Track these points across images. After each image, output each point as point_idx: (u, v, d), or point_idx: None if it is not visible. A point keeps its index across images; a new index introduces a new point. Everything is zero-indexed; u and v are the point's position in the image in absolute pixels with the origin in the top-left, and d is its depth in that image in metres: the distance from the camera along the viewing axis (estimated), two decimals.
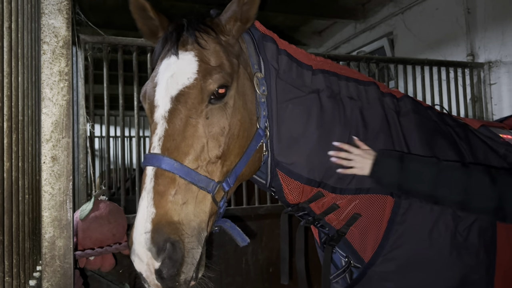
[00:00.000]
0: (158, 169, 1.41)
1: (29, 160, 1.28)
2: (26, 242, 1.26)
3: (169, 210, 1.36)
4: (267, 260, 3.77)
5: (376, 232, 1.79)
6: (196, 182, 1.42)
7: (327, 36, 7.63)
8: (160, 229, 1.32)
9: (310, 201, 1.80)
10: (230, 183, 1.54)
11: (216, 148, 1.49)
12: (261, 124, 1.66)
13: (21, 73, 1.17)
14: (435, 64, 4.44)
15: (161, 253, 1.31)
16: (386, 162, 1.70)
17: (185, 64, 1.54)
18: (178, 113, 1.48)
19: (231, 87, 1.56)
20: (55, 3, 1.38)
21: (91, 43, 3.10)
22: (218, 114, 1.52)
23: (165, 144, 1.44)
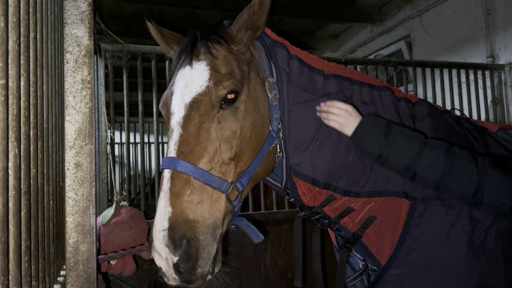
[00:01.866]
0: (174, 171, 1.51)
1: (53, 166, 1.30)
2: (51, 247, 1.28)
3: (185, 209, 1.46)
4: (286, 265, 3.76)
5: (392, 235, 1.78)
6: (210, 183, 1.51)
7: (344, 40, 7.59)
8: (176, 227, 1.43)
9: (323, 205, 1.81)
10: (243, 183, 1.62)
11: (228, 150, 1.58)
12: (273, 126, 1.72)
13: (45, 82, 1.20)
14: (454, 66, 4.38)
15: (178, 249, 1.42)
16: (371, 127, 1.66)
17: (198, 73, 1.64)
18: (191, 119, 1.58)
19: (241, 93, 1.64)
20: (78, 13, 1.42)
21: (111, 51, 3.15)
22: (229, 118, 1.60)
23: (180, 148, 1.54)
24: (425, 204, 1.73)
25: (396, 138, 1.63)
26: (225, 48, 1.69)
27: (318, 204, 1.81)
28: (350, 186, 1.77)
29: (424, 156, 1.60)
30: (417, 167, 1.60)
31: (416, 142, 1.63)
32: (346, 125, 1.69)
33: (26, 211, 0.93)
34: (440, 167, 1.58)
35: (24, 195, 0.92)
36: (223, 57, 1.67)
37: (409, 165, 1.61)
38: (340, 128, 1.71)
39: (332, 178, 1.76)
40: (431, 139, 1.66)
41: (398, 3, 6.05)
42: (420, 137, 1.65)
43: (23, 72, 0.92)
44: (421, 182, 1.65)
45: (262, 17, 1.70)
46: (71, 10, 1.41)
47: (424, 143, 1.62)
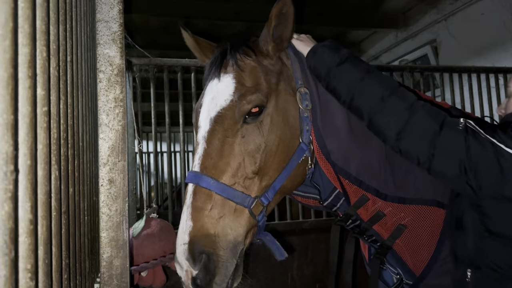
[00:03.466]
0: (196, 186, 1.54)
1: (88, 183, 1.34)
2: (86, 262, 1.31)
3: (205, 223, 1.48)
4: (313, 275, 3.73)
5: (427, 245, 1.74)
6: (232, 198, 1.52)
7: (367, 46, 7.54)
8: (196, 241, 1.47)
9: (356, 206, 1.78)
10: (269, 198, 1.61)
11: (252, 164, 1.57)
12: (304, 138, 1.69)
13: (80, 102, 1.24)
14: (482, 71, 4.28)
15: (197, 263, 1.45)
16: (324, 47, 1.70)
17: (224, 86, 1.65)
18: (216, 133, 1.59)
19: (267, 106, 1.63)
20: (109, 33, 1.46)
21: (139, 65, 3.23)
22: (253, 132, 1.59)
23: (203, 163, 1.56)
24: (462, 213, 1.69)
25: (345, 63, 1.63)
26: (253, 60, 1.69)
27: (352, 205, 1.79)
28: (382, 188, 1.75)
29: (366, 83, 1.57)
30: (356, 93, 1.57)
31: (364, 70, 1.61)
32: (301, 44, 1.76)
33: (65, 230, 0.96)
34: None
35: (64, 215, 0.95)
36: (250, 69, 1.67)
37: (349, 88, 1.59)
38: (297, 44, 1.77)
39: (365, 174, 1.74)
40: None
41: (423, 8, 5.97)
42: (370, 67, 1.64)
43: (62, 96, 0.96)
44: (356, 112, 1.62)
45: (286, 30, 1.70)
46: (103, 31, 1.45)
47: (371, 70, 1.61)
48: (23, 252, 0.62)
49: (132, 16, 5.00)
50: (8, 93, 0.53)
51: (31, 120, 0.65)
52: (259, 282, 3.58)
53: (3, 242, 0.51)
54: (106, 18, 1.46)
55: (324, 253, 3.75)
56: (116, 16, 1.46)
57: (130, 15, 4.90)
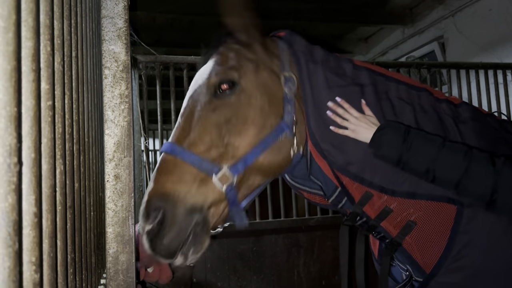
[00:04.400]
0: (165, 153, 1.64)
1: (94, 178, 1.35)
2: (92, 257, 1.32)
3: (166, 185, 1.55)
4: (319, 272, 3.73)
5: (437, 242, 1.71)
6: (196, 164, 1.58)
7: (374, 42, 7.50)
8: (153, 199, 1.53)
9: (361, 203, 1.75)
10: (238, 169, 1.62)
11: (221, 137, 1.63)
12: (285, 118, 1.73)
13: (85, 98, 1.24)
14: (490, 67, 4.25)
15: (151, 218, 1.52)
16: (388, 132, 1.64)
17: (205, 68, 1.79)
18: (189, 108, 1.71)
19: (240, 83, 1.71)
20: (115, 29, 1.47)
21: (145, 62, 3.24)
22: (224, 107, 1.67)
23: (175, 134, 1.68)
24: (473, 209, 1.67)
25: (415, 141, 1.61)
26: (235, 46, 1.81)
27: (357, 203, 1.76)
28: (387, 183, 1.72)
29: (442, 157, 1.58)
30: (436, 169, 1.58)
31: (434, 144, 1.61)
32: (356, 131, 1.69)
33: (71, 225, 0.96)
34: (458, 169, 1.56)
35: (69, 209, 0.95)
36: (230, 53, 1.79)
37: (428, 167, 1.59)
38: (351, 135, 1.70)
39: (366, 171, 1.71)
40: (449, 142, 1.64)
41: (430, 4, 5.93)
42: (438, 140, 1.64)
43: (67, 91, 0.96)
44: (441, 184, 1.63)
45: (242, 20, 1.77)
46: (108, 27, 1.45)
47: (443, 145, 1.61)
48: (27, 244, 0.62)
49: (138, 13, 5.01)
50: (11, 85, 0.53)
51: (35, 113, 0.65)
52: (265, 279, 3.59)
53: (7, 234, 0.52)
54: (111, 14, 1.46)
55: (330, 250, 3.75)
56: (121, 12, 1.46)
57: (135, 13, 4.92)
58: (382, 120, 1.73)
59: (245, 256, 3.59)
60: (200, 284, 3.45)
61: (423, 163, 1.60)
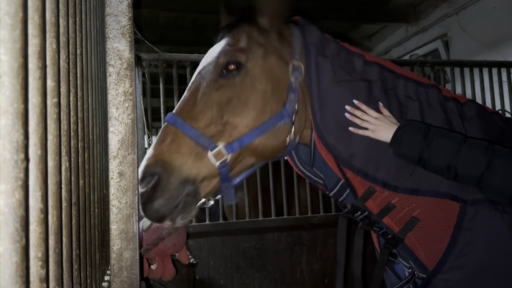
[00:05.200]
0: (167, 124, 1.71)
1: (98, 176, 1.35)
2: (96, 254, 1.33)
3: (164, 152, 1.64)
4: (322, 270, 3.74)
5: (440, 239, 1.72)
6: (194, 138, 1.65)
7: (377, 40, 7.48)
8: (150, 165, 1.62)
9: (364, 198, 1.76)
10: (233, 148, 1.68)
11: (221, 116, 1.69)
12: (286, 106, 1.75)
13: (90, 95, 1.25)
14: (494, 65, 4.23)
15: (144, 183, 1.60)
16: (409, 130, 1.64)
17: (215, 48, 1.84)
18: (196, 84, 1.77)
19: (247, 66, 1.75)
20: (119, 27, 1.47)
21: (148, 60, 3.24)
22: (227, 87, 1.72)
23: (179, 107, 1.74)
24: (476, 207, 1.67)
25: (435, 138, 1.61)
26: (249, 29, 1.84)
27: (359, 197, 1.77)
28: (391, 179, 1.72)
29: (463, 153, 1.57)
30: (458, 165, 1.57)
31: (455, 141, 1.61)
32: (375, 131, 1.69)
33: (76, 221, 0.97)
34: (480, 164, 1.55)
35: (74, 206, 0.96)
36: (242, 36, 1.82)
37: (449, 163, 1.58)
38: (371, 135, 1.70)
39: (370, 165, 1.72)
40: (470, 138, 1.63)
41: (433, 2, 5.92)
42: (458, 136, 1.63)
43: (72, 88, 0.97)
44: (463, 180, 1.62)
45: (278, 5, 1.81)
46: (112, 25, 1.46)
47: (464, 141, 1.60)
48: (34, 240, 0.63)
49: (142, 11, 5.02)
50: (18, 82, 0.54)
51: (41, 110, 0.66)
52: (268, 277, 3.60)
53: (14, 229, 0.52)
54: (115, 12, 1.46)
55: (333, 248, 3.75)
56: (125, 10, 1.47)
57: (139, 11, 4.92)
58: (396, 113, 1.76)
59: (248, 253, 3.60)
60: (203, 282, 3.46)
61: (444, 160, 1.59)
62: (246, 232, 3.61)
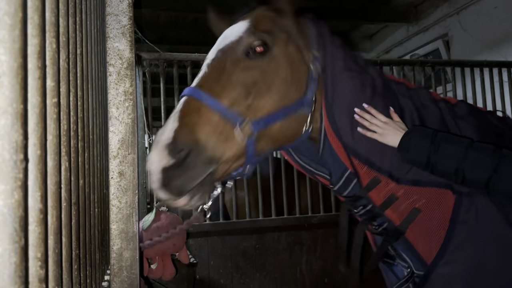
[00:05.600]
0: (189, 97, 1.57)
1: (98, 175, 1.35)
2: (96, 253, 1.33)
3: (193, 127, 1.49)
4: (322, 270, 3.73)
5: (437, 232, 1.71)
6: (222, 112, 1.54)
7: (378, 40, 7.48)
8: (179, 138, 1.45)
9: (368, 188, 1.76)
10: (260, 126, 1.62)
11: (246, 96, 1.62)
12: (307, 95, 1.74)
13: (90, 95, 1.25)
14: (495, 65, 4.23)
15: (174, 155, 1.42)
16: (416, 136, 1.65)
17: (238, 27, 1.77)
18: (218, 62, 1.67)
19: (272, 50, 1.71)
20: (119, 27, 1.47)
21: (149, 59, 3.24)
22: (253, 68, 1.67)
23: (200, 82, 1.62)
24: (472, 199, 1.67)
25: (442, 143, 1.61)
26: (270, 14, 1.80)
27: (364, 187, 1.77)
28: (394, 170, 1.73)
29: (470, 157, 1.57)
30: (466, 169, 1.57)
31: (461, 145, 1.60)
32: (383, 135, 1.69)
33: (75, 221, 0.97)
34: (488, 168, 1.54)
35: (74, 206, 0.96)
36: (265, 18, 1.78)
37: (457, 168, 1.58)
38: (379, 138, 1.70)
39: (375, 155, 1.73)
40: (476, 142, 1.63)
41: (434, 2, 5.91)
42: (465, 140, 1.63)
43: (72, 88, 0.97)
44: (471, 184, 1.61)
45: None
46: (113, 25, 1.46)
47: (470, 145, 1.60)
48: (33, 240, 0.63)
49: (142, 11, 5.01)
50: (17, 82, 0.54)
51: (40, 110, 0.66)
52: (268, 276, 3.60)
53: (13, 229, 0.52)
54: (116, 11, 1.46)
55: (333, 248, 3.75)
56: (126, 10, 1.47)
57: (140, 10, 4.92)
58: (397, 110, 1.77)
59: (248, 253, 3.60)
60: (203, 281, 3.46)
61: (451, 164, 1.59)
62: (246, 232, 3.61)
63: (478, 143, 1.63)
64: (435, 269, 1.71)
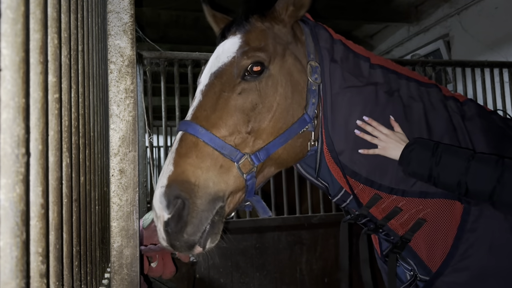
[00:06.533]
0: (184, 133, 1.51)
1: (99, 173, 1.35)
2: (97, 251, 1.33)
3: (187, 170, 1.44)
4: (322, 270, 3.73)
5: (444, 240, 1.70)
6: (219, 149, 1.48)
7: (379, 40, 7.47)
8: (173, 185, 1.41)
9: (368, 206, 1.74)
10: (260, 158, 1.56)
11: (245, 123, 1.55)
12: (308, 110, 1.67)
13: (91, 92, 1.25)
14: (496, 65, 4.22)
15: (171, 207, 1.40)
16: (416, 149, 1.62)
17: (230, 45, 1.67)
18: (213, 87, 1.58)
19: (269, 67, 1.62)
20: (120, 24, 1.47)
21: (149, 58, 3.24)
22: (251, 91, 1.58)
23: (196, 113, 1.55)
24: (480, 208, 1.65)
25: (443, 155, 1.59)
26: (264, 24, 1.71)
27: (364, 205, 1.74)
28: (398, 183, 1.70)
29: (473, 169, 1.55)
30: (468, 181, 1.55)
31: (463, 157, 1.58)
32: (386, 148, 1.67)
33: (76, 218, 0.97)
34: (491, 179, 1.52)
35: (75, 202, 0.96)
36: (259, 32, 1.68)
37: (460, 180, 1.56)
38: (382, 153, 1.68)
39: (376, 173, 1.70)
40: (478, 153, 1.62)
41: (435, 2, 5.90)
42: (467, 152, 1.61)
43: (73, 84, 0.97)
44: (474, 196, 1.59)
45: None
46: (114, 22, 1.46)
47: (472, 156, 1.58)
48: (34, 235, 0.63)
49: (143, 9, 5.02)
50: (19, 76, 0.54)
51: (42, 105, 0.66)
52: (268, 276, 3.59)
53: (15, 223, 0.52)
54: (117, 9, 1.46)
55: (333, 248, 3.75)
56: (127, 7, 1.47)
57: (141, 9, 4.92)
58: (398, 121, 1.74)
59: (248, 252, 3.60)
60: (203, 280, 3.46)
61: (454, 176, 1.57)
62: (246, 231, 3.61)
63: (480, 154, 1.61)
64: (440, 276, 1.69)
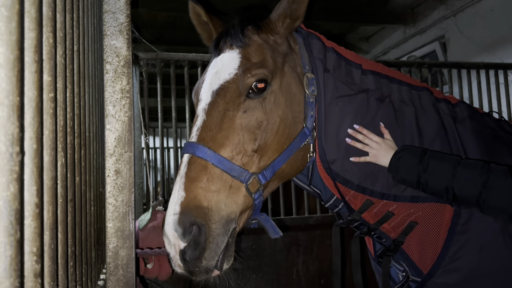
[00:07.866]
0: (192, 156, 1.49)
1: (94, 173, 1.35)
2: (92, 251, 1.32)
3: (199, 195, 1.42)
4: (318, 271, 3.73)
5: (435, 242, 1.72)
6: (228, 171, 1.47)
7: (375, 41, 7.49)
8: (187, 212, 1.39)
9: (361, 211, 1.76)
10: (267, 177, 1.56)
11: (252, 141, 1.54)
12: (307, 123, 1.67)
13: (87, 92, 1.24)
14: (491, 67, 4.24)
15: (187, 235, 1.38)
16: (404, 156, 1.64)
17: (229, 60, 1.63)
18: (216, 106, 1.56)
19: (272, 83, 1.61)
20: (116, 25, 1.47)
21: (146, 59, 3.24)
22: (256, 108, 1.57)
23: (201, 134, 1.52)
24: (470, 210, 1.67)
25: (430, 162, 1.62)
26: (260, 37, 1.69)
27: (356, 211, 1.76)
28: (390, 189, 1.72)
29: (459, 174, 1.57)
30: (455, 186, 1.57)
31: (449, 163, 1.61)
32: (377, 156, 1.69)
33: (71, 218, 0.97)
34: (477, 184, 1.54)
35: (70, 203, 0.95)
36: (257, 46, 1.66)
37: (447, 186, 1.58)
38: (372, 160, 1.70)
39: (367, 180, 1.71)
40: (464, 159, 1.64)
41: (431, 4, 5.93)
42: (453, 158, 1.64)
43: (68, 84, 0.96)
44: (462, 201, 1.61)
45: (302, 6, 1.68)
46: (110, 22, 1.45)
47: (458, 162, 1.60)
48: (28, 235, 0.62)
49: (140, 10, 5.01)
50: (14, 75, 0.53)
51: (37, 104, 0.66)
52: (264, 277, 3.59)
53: (9, 222, 0.52)
54: (113, 9, 1.46)
55: (329, 249, 3.75)
56: (123, 7, 1.47)
57: (137, 10, 4.91)
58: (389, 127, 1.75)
59: (245, 254, 3.59)
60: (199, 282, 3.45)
61: (441, 182, 1.59)
62: (242, 233, 3.60)
63: (466, 160, 1.63)
64: (432, 278, 1.71)
